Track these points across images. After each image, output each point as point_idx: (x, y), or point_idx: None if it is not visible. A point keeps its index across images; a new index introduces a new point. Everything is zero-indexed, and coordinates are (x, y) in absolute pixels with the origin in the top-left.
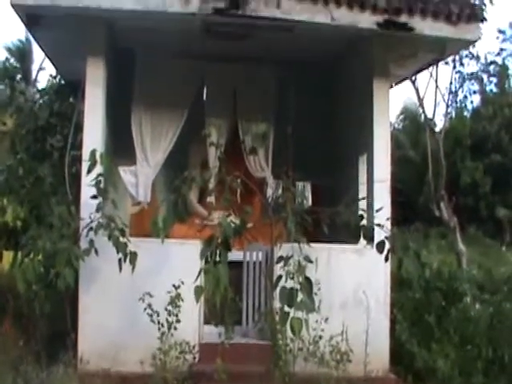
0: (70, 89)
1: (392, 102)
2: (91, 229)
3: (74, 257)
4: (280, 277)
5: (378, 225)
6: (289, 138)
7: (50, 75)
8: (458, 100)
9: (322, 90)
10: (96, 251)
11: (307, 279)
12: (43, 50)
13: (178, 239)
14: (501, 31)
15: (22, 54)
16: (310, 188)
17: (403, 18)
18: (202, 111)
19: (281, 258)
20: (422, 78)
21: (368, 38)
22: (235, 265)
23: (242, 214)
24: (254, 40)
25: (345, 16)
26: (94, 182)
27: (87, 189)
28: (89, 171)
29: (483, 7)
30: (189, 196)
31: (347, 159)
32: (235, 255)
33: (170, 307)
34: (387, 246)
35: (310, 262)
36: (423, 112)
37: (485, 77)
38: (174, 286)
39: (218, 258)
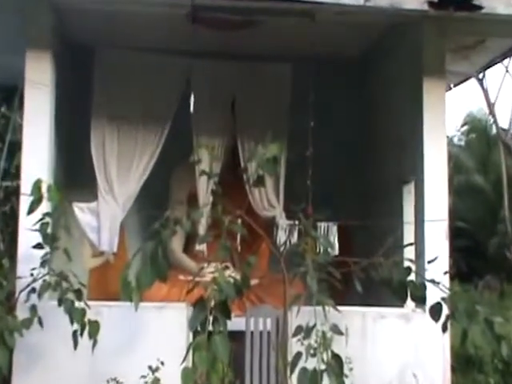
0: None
1: (450, 110)
2: (33, 290)
3: (6, 331)
4: (299, 354)
5: (432, 281)
6: (308, 163)
7: None
8: None
9: (350, 96)
10: (40, 322)
11: (336, 357)
12: None
13: (156, 303)
14: None
15: None
16: (337, 231)
17: None
18: (188, 127)
19: (299, 329)
20: (494, 75)
21: (416, 24)
22: (234, 336)
23: (244, 266)
24: (258, 30)
25: None
26: (37, 226)
27: (28, 234)
28: (31, 210)
29: None
30: (172, 244)
31: (387, 190)
32: (234, 323)
33: None
34: (445, 310)
35: (340, 333)
36: (495, 122)
37: None
38: (150, 367)
39: (213, 328)
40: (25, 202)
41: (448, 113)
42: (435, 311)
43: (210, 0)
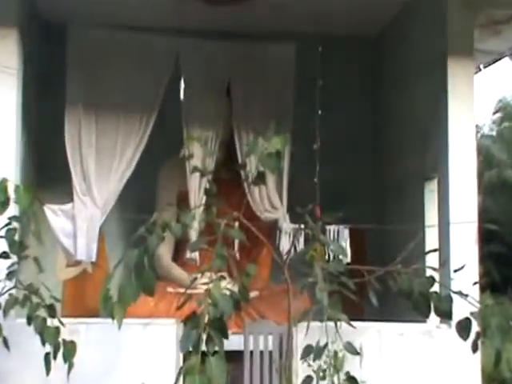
0: None
1: (479, 95)
2: None
3: None
4: (309, 379)
5: (459, 292)
6: (315, 158)
7: None
8: None
9: (363, 81)
10: (6, 343)
11: (350, 379)
12: None
13: (141, 319)
14: None
15: None
16: (349, 235)
17: None
18: (178, 116)
19: (309, 349)
20: None
21: None
22: (231, 356)
23: (242, 276)
24: (257, 4)
25: None
26: (3, 232)
27: None
28: None
29: None
30: (159, 251)
31: (406, 188)
32: (231, 341)
33: None
34: (475, 326)
35: (355, 352)
36: None
37: None
38: None
39: (207, 348)
40: None
41: (477, 98)
42: (463, 328)
43: None
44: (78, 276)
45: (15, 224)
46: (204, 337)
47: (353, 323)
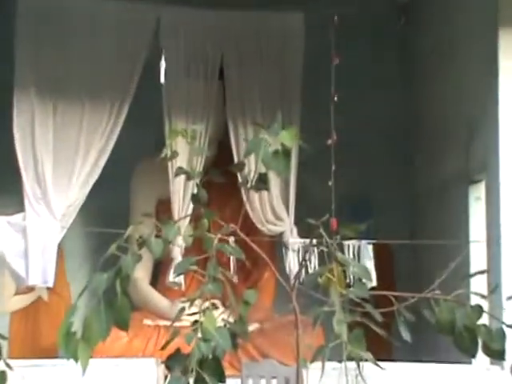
0: None
1: None
2: None
3: None
4: None
5: None
6: (330, 156)
7: None
8: None
9: (389, 60)
10: None
11: None
12: None
13: (112, 358)
14: None
15: None
16: (374, 253)
17: None
18: (158, 104)
19: None
20: None
21: None
22: None
23: (240, 305)
24: None
25: None
26: None
27: None
28: None
29: None
30: (135, 274)
31: (445, 194)
32: None
33: None
34: None
35: None
36: None
37: None
38: None
39: None
40: None
41: None
42: None
43: None
44: (31, 306)
45: None
46: (191, 381)
47: (379, 363)
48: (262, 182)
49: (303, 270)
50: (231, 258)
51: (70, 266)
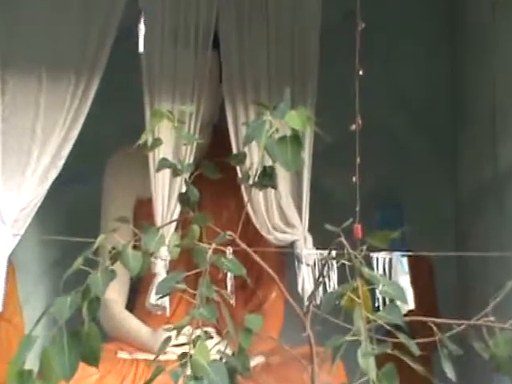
0: None
1: None
2: None
3: None
4: None
5: None
6: (353, 146)
7: None
8: None
9: (429, 31)
10: None
11: None
12: None
13: None
14: None
15: None
16: (410, 268)
17: None
18: (136, 79)
19: None
20: None
21: None
22: None
23: (240, 333)
24: None
25: None
26: None
27: None
28: None
29: None
30: (107, 295)
31: (498, 195)
32: None
33: None
34: None
35: None
36: None
37: None
38: None
39: None
40: None
41: None
42: None
43: None
44: None
45: None
46: None
47: None
48: (268, 178)
49: (320, 290)
50: (229, 274)
51: (24, 285)
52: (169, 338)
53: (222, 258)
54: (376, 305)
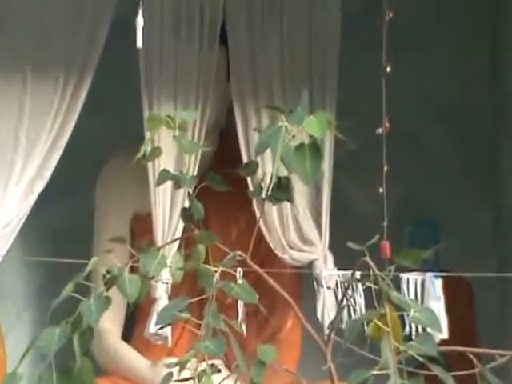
0: None
1: None
2: None
3: None
4: None
5: None
6: (379, 154)
7: None
8: None
9: (465, 31)
10: None
11: None
12: None
13: None
14: None
15: None
16: (444, 290)
17: None
18: (133, 81)
19: None
20: None
21: None
22: None
23: (252, 367)
24: None
25: None
26: None
27: None
28: None
29: None
30: (101, 325)
31: None
32: None
33: None
34: None
35: None
36: None
37: None
38: None
39: None
40: None
41: None
42: None
43: None
44: None
45: None
46: None
47: None
48: (283, 190)
49: (342, 316)
50: (239, 301)
51: (5, 314)
52: (170, 374)
53: (230, 283)
54: (407, 333)
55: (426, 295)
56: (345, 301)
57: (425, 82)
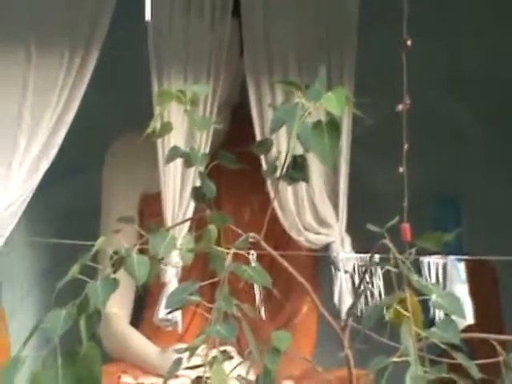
0: None
1: None
2: None
3: None
4: None
5: None
6: (400, 133)
7: None
8: None
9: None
10: None
11: None
12: None
13: None
14: None
15: None
16: (468, 274)
17: None
18: (141, 56)
19: None
20: None
21: None
22: None
23: (266, 354)
24: None
25: None
26: None
27: None
28: None
29: None
30: (109, 309)
31: None
32: None
33: None
34: None
35: None
36: None
37: None
38: None
39: None
40: None
41: None
42: None
43: None
44: None
45: None
46: None
47: None
48: (298, 170)
49: (361, 301)
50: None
51: (9, 298)
52: (180, 360)
53: (243, 266)
54: (428, 319)
55: (449, 279)
56: (364, 285)
57: (450, 57)
